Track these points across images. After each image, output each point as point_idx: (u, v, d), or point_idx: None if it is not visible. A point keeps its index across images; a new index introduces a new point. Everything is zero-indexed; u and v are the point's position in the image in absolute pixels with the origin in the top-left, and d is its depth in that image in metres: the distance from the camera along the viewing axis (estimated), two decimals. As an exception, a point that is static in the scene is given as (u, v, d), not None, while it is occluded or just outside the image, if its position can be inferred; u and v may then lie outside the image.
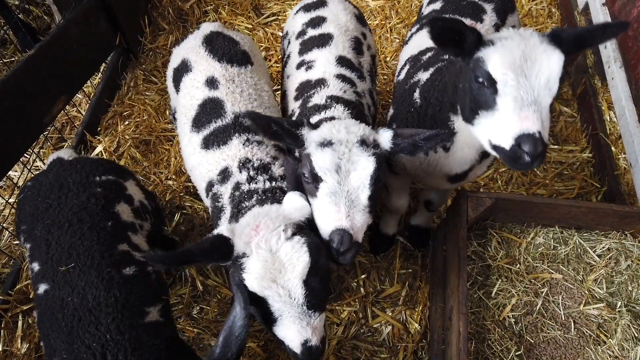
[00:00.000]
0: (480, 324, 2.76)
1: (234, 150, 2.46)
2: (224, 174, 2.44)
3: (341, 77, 2.71)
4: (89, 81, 4.26)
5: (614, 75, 4.00)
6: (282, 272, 1.83)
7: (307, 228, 2.01)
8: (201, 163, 2.55)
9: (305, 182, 2.05)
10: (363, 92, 2.79)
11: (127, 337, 2.01)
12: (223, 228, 1.97)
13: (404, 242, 3.67)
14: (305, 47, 2.96)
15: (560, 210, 2.95)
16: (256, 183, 2.35)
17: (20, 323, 3.16)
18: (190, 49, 2.87)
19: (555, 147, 4.21)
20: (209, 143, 2.54)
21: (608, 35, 2.03)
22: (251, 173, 2.38)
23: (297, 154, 2.19)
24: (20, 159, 3.55)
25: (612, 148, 3.90)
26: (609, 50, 4.12)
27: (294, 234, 1.92)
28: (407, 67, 2.92)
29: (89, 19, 3.97)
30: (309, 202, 2.06)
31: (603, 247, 2.98)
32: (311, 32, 3.02)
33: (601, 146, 3.96)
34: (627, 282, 2.88)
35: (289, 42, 3.17)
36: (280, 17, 5.14)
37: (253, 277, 1.82)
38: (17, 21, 4.31)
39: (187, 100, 2.73)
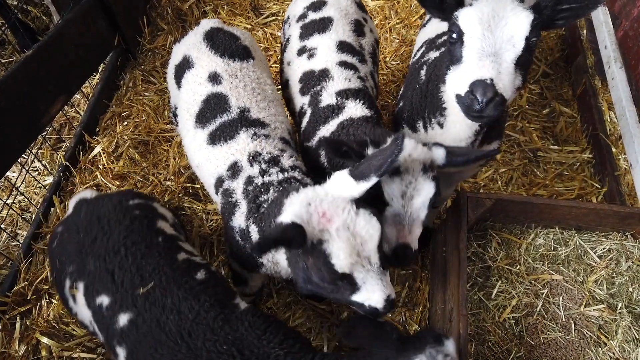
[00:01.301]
0: (480, 326, 2.74)
1: (242, 145, 2.46)
2: (234, 169, 2.43)
3: (343, 64, 2.79)
4: (87, 82, 4.25)
5: (614, 75, 3.99)
6: (363, 245, 1.93)
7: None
8: (209, 159, 2.54)
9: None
10: (366, 76, 2.87)
11: (239, 331, 2.03)
12: (294, 217, 1.94)
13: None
14: (306, 31, 3.01)
15: (561, 211, 2.94)
16: (270, 176, 2.36)
17: (17, 325, 3.14)
18: (192, 45, 2.86)
19: (556, 147, 4.20)
20: (215, 138, 2.53)
21: (589, 2, 2.06)
22: (263, 166, 2.39)
23: None
24: (18, 160, 3.54)
25: (613, 148, 3.89)
26: (609, 51, 4.11)
27: (357, 208, 2.01)
28: (423, 48, 2.98)
29: (87, 19, 3.96)
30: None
31: (603, 248, 2.97)
32: (312, 16, 3.07)
33: (601, 147, 3.95)
34: (627, 283, 2.87)
35: (289, 26, 3.22)
36: (279, 18, 5.13)
37: (343, 259, 1.88)
38: (16, 21, 4.30)
39: (189, 96, 2.73)
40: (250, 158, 2.41)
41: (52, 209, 3.67)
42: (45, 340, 3.07)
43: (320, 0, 3.14)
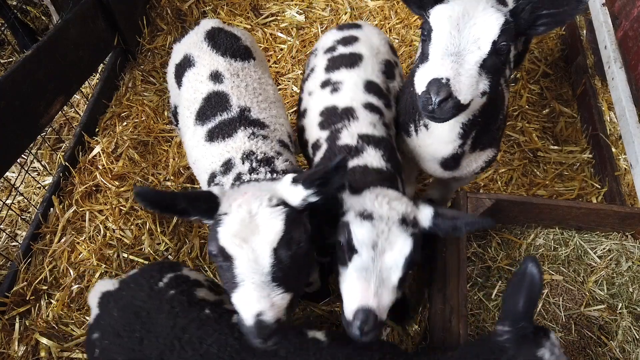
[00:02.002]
0: (480, 326, 2.74)
1: (239, 143, 2.46)
2: (227, 165, 2.43)
3: (370, 107, 2.63)
4: (86, 82, 4.24)
5: (614, 75, 3.98)
6: (254, 234, 1.81)
7: (299, 210, 1.97)
8: (205, 155, 2.54)
9: (338, 249, 2.00)
10: (390, 123, 2.71)
11: None
12: (215, 188, 1.98)
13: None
14: (333, 64, 2.85)
15: (561, 211, 2.94)
16: (257, 174, 2.35)
17: (17, 325, 3.13)
18: (193, 44, 2.87)
19: (555, 147, 4.20)
20: (213, 136, 2.54)
21: (568, 9, 1.99)
22: (254, 165, 2.38)
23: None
24: (18, 160, 3.54)
25: (613, 149, 3.89)
26: (609, 51, 4.11)
27: (278, 205, 1.90)
28: None
29: (86, 20, 3.95)
30: (338, 273, 2.02)
31: (604, 248, 2.97)
32: (341, 50, 2.92)
33: (601, 147, 3.95)
34: (628, 284, 2.87)
35: (315, 56, 3.08)
36: (279, 18, 5.13)
37: (227, 232, 1.82)
38: (15, 21, 4.30)
39: (190, 94, 2.73)
40: (244, 156, 2.41)
41: (52, 209, 3.67)
42: (44, 340, 3.06)
43: (352, 35, 3.01)
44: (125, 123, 4.24)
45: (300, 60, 4.74)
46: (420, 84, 2.01)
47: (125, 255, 3.48)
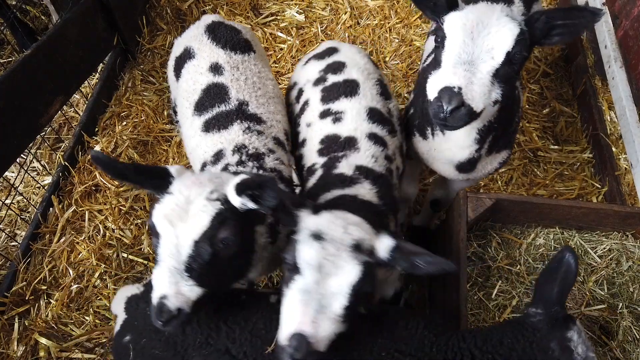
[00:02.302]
0: (480, 326, 2.73)
1: (233, 135, 2.48)
2: (218, 156, 2.46)
3: (373, 138, 2.53)
4: (86, 81, 4.24)
5: (615, 75, 3.98)
6: (182, 220, 1.83)
7: (242, 213, 1.94)
8: (199, 145, 2.56)
9: (285, 267, 1.88)
10: (394, 154, 2.62)
11: (395, 332, 2.07)
12: (173, 167, 2.00)
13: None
14: (330, 94, 2.72)
15: (561, 211, 2.93)
16: (244, 167, 2.37)
17: (16, 325, 3.13)
18: (193, 37, 2.88)
19: (556, 147, 4.19)
20: (209, 126, 2.56)
21: (583, 20, 1.98)
22: (243, 158, 2.40)
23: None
24: (17, 160, 3.53)
25: (613, 148, 3.88)
26: (609, 50, 4.10)
27: (217, 200, 1.89)
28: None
29: (86, 19, 3.95)
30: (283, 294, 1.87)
31: (604, 248, 2.96)
32: (333, 78, 2.78)
33: (602, 146, 3.94)
34: (628, 283, 2.86)
35: (301, 92, 2.93)
36: (278, 17, 5.13)
37: (159, 210, 1.85)
38: (14, 21, 4.29)
39: (189, 85, 2.75)
40: (235, 149, 2.43)
41: (51, 209, 3.66)
42: (43, 340, 3.06)
43: (336, 61, 2.87)
44: (124, 123, 4.23)
45: (300, 60, 4.72)
46: (432, 91, 2.00)
47: (125, 255, 3.48)
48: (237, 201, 1.90)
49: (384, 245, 1.89)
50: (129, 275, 3.40)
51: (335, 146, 2.54)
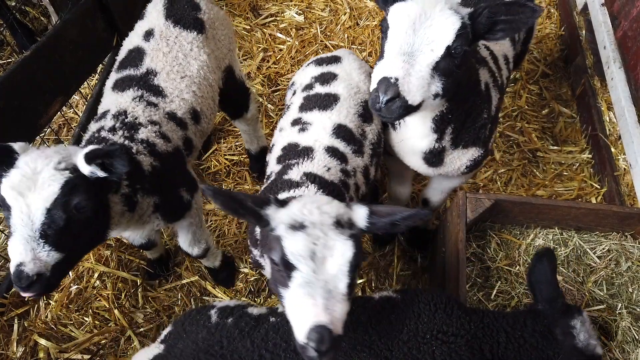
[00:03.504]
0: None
1: (121, 100, 2.55)
2: (101, 116, 2.52)
3: (331, 151, 2.45)
4: (85, 82, 4.23)
5: (614, 75, 3.98)
6: (31, 190, 1.91)
7: (91, 180, 2.05)
8: (102, 101, 2.66)
9: (274, 269, 1.83)
10: (354, 170, 2.52)
11: (452, 325, 2.14)
12: (17, 144, 2.05)
13: (403, 244, 3.65)
14: (308, 103, 2.70)
15: (560, 212, 2.94)
16: (112, 135, 2.40)
17: (15, 327, 3.13)
18: (154, 1, 2.97)
19: (555, 147, 4.20)
20: (115, 86, 2.64)
21: (523, 17, 1.98)
22: (117, 125, 2.44)
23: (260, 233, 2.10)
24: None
25: (612, 149, 3.88)
26: (608, 51, 4.11)
27: (65, 169, 1.98)
28: None
29: (85, 20, 3.94)
30: (280, 295, 1.83)
31: (603, 249, 2.97)
32: (318, 89, 2.75)
33: (601, 147, 3.95)
34: (627, 284, 2.87)
35: (294, 93, 2.93)
36: (278, 18, 5.13)
37: (7, 184, 1.92)
38: (14, 22, 4.29)
39: (126, 42, 2.86)
40: (116, 114, 2.48)
41: (51, 210, 3.66)
42: (43, 341, 3.06)
43: (331, 72, 2.81)
44: (124, 123, 4.23)
45: (299, 60, 4.73)
46: (373, 81, 2.02)
47: (123, 255, 3.48)
48: (86, 169, 2.01)
49: (359, 214, 1.86)
50: (128, 275, 3.40)
51: (292, 154, 2.49)
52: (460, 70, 2.10)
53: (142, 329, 3.21)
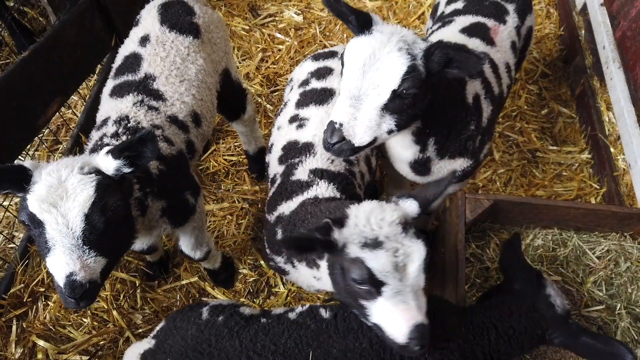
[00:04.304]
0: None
1: (122, 105, 2.52)
2: (103, 123, 2.49)
3: None
4: (84, 83, 4.23)
5: (613, 75, 3.98)
6: (64, 199, 1.84)
7: (116, 180, 2.03)
8: (100, 108, 2.64)
9: (357, 287, 1.87)
10: (356, 159, 2.60)
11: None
12: (27, 162, 2.00)
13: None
14: (304, 99, 2.75)
15: (559, 212, 2.93)
16: (116, 141, 2.36)
17: (14, 328, 3.12)
18: (148, 7, 2.96)
19: (554, 148, 4.19)
20: (114, 92, 2.62)
21: (470, 62, 1.97)
22: (120, 130, 2.41)
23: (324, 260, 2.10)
24: (15, 162, 3.52)
25: (611, 149, 3.88)
26: (608, 51, 4.11)
27: (90, 173, 1.95)
28: None
29: (84, 20, 3.94)
30: (362, 306, 1.92)
31: (602, 249, 2.96)
32: (314, 84, 2.80)
33: (600, 147, 3.94)
34: (626, 284, 2.86)
35: (291, 89, 2.98)
36: (277, 18, 5.12)
37: (35, 198, 1.84)
38: (12, 23, 4.28)
39: (121, 49, 2.83)
40: (118, 119, 2.45)
41: (49, 210, 3.65)
42: (41, 343, 3.05)
43: (327, 67, 2.87)
44: (123, 124, 4.22)
45: (298, 60, 4.73)
46: (326, 122, 2.09)
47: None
48: (112, 167, 1.98)
49: (411, 208, 1.97)
50: (126, 276, 3.40)
51: (293, 152, 2.54)
52: (415, 107, 2.09)
53: (140, 330, 3.20)
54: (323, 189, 2.35)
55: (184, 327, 2.20)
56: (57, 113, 3.91)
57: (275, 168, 2.62)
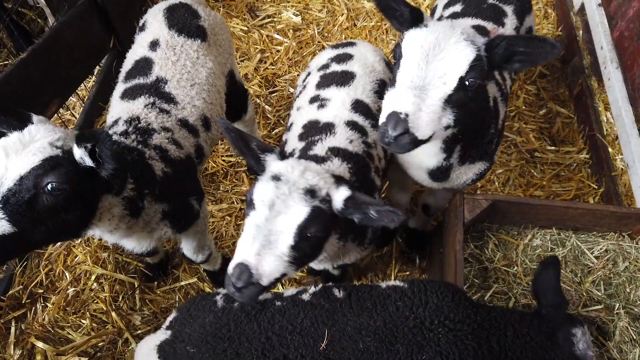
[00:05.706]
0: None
1: (133, 107, 2.54)
2: (114, 123, 2.51)
3: (352, 125, 2.53)
4: (82, 84, 4.23)
5: (611, 76, 3.99)
6: (17, 154, 1.85)
7: (82, 167, 1.95)
8: (112, 110, 2.66)
9: (246, 203, 1.97)
10: (374, 143, 2.60)
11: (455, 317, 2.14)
12: (37, 116, 2.04)
13: (401, 245, 3.65)
14: (325, 80, 2.78)
15: (558, 212, 2.94)
16: (125, 139, 2.38)
17: (12, 329, 3.12)
18: (152, 12, 2.96)
19: (552, 148, 4.20)
20: (125, 95, 2.63)
21: (542, 51, 1.93)
22: (129, 129, 2.42)
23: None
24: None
25: (609, 149, 3.89)
26: (605, 51, 4.11)
27: (59, 148, 1.92)
28: None
29: (82, 22, 3.94)
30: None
31: (600, 249, 2.97)
32: (334, 67, 2.84)
33: (598, 147, 3.95)
34: (625, 284, 2.86)
35: (309, 74, 3.00)
36: (275, 19, 5.13)
37: (1, 142, 1.88)
38: (10, 24, 4.28)
39: (130, 54, 2.85)
40: (129, 120, 2.46)
41: (48, 212, 3.65)
42: (40, 344, 3.05)
43: (346, 53, 2.91)
44: (121, 125, 4.22)
45: (296, 61, 4.73)
46: (383, 112, 1.99)
47: (120, 257, 3.47)
48: (77, 153, 1.93)
49: (340, 195, 1.94)
50: (125, 277, 3.39)
51: (314, 131, 2.56)
52: (474, 102, 2.06)
53: (139, 332, 3.19)
54: (335, 166, 2.34)
55: (200, 315, 2.22)
56: (56, 114, 3.92)
57: (294, 144, 2.64)
